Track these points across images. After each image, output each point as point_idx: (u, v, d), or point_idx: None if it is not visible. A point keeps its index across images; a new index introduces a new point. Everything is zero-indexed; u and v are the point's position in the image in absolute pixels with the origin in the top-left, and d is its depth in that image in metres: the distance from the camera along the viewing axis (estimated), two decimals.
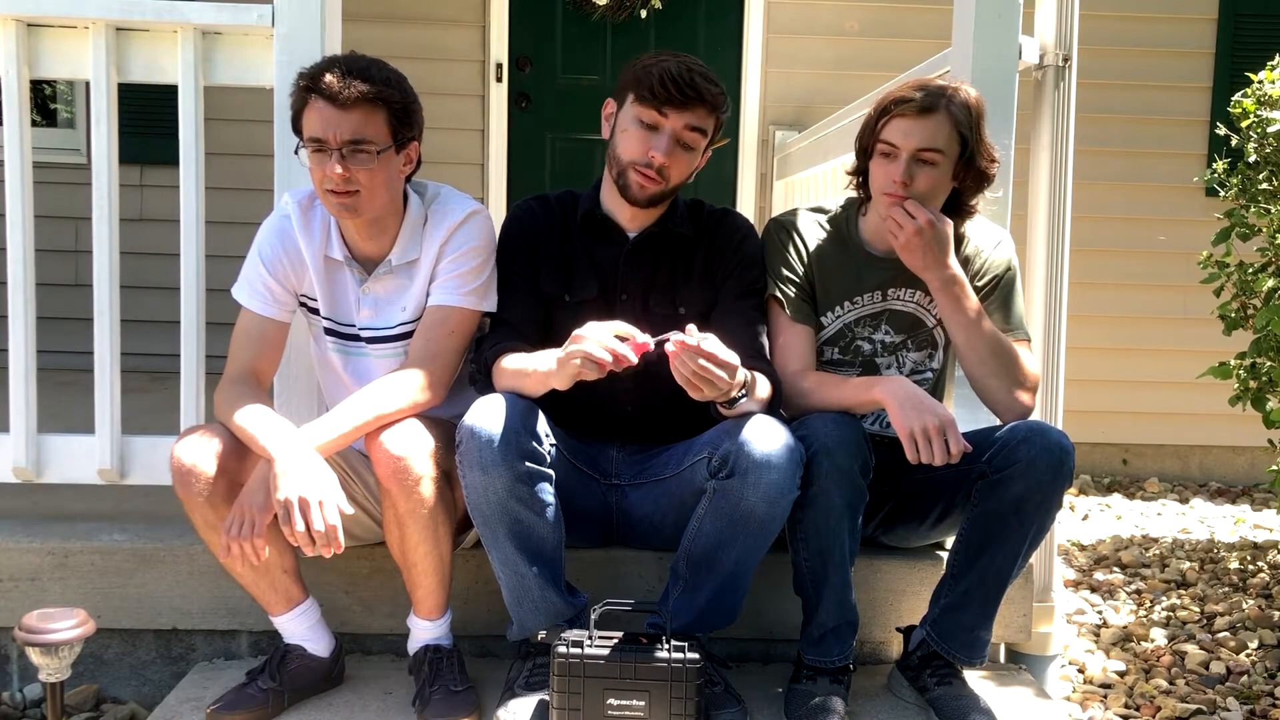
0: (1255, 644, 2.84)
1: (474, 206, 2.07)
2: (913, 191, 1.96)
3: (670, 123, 1.97)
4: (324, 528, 1.77)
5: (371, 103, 1.89)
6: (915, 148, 1.95)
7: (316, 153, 1.90)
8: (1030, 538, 1.97)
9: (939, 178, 1.99)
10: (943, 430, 1.82)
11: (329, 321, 2.09)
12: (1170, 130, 4.98)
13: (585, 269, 2.10)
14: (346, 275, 2.07)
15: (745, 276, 2.10)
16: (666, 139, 1.97)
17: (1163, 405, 4.96)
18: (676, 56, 1.98)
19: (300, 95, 1.91)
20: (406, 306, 2.06)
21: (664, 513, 2.07)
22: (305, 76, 1.91)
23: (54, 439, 2.33)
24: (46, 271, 2.58)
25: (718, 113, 2.01)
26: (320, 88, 1.87)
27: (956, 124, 1.96)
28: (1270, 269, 3.02)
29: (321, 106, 1.88)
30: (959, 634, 2.03)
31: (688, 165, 2.03)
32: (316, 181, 1.93)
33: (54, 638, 1.85)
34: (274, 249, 2.04)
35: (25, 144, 2.27)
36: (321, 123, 1.88)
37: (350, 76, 1.88)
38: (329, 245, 2.05)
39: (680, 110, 1.96)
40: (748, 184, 5.07)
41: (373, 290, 2.05)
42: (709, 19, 5.09)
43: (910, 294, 2.13)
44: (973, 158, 2.00)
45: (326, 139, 1.88)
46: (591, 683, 1.80)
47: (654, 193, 2.02)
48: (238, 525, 1.82)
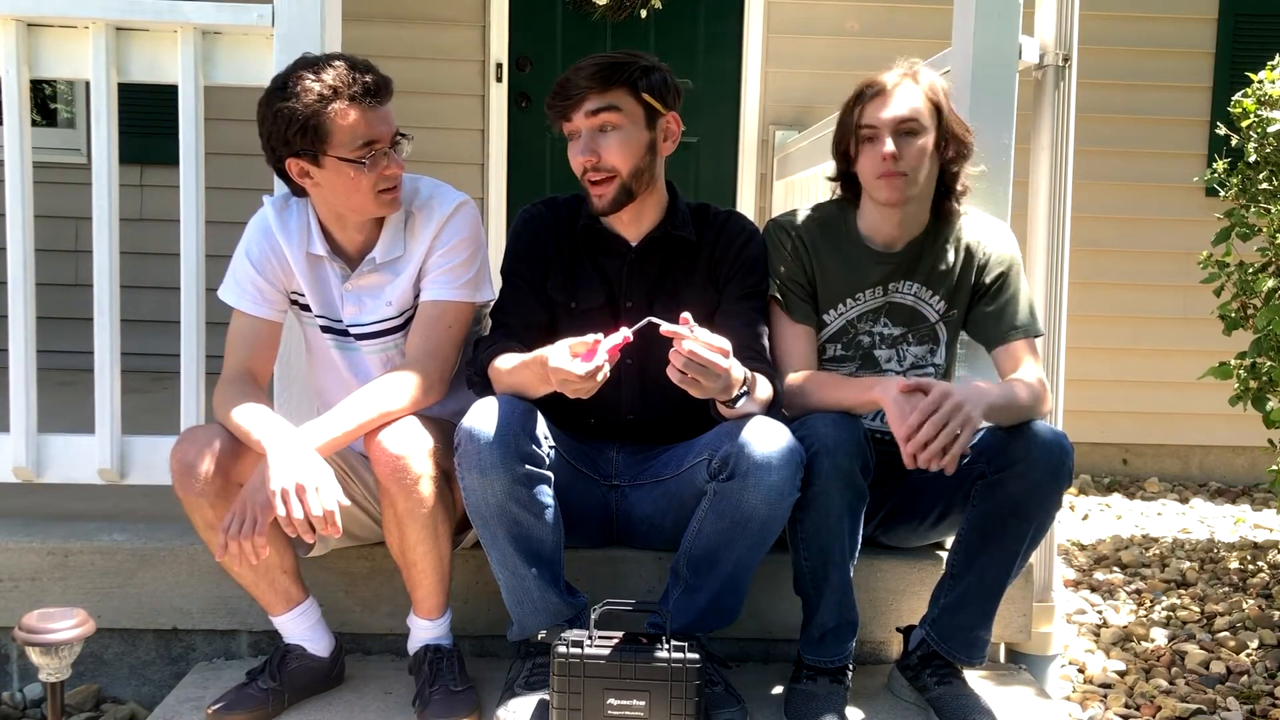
0: (1255, 644, 2.84)
1: (460, 198, 2.07)
2: (903, 165, 1.99)
3: (575, 124, 1.99)
4: (321, 512, 1.77)
5: (391, 94, 1.94)
6: (895, 119, 1.99)
7: (368, 157, 1.89)
8: (1029, 538, 1.97)
9: (924, 148, 2.01)
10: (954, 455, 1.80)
11: (323, 319, 2.09)
12: (1170, 130, 4.97)
13: (591, 277, 2.10)
14: (329, 271, 2.06)
15: (747, 279, 2.10)
16: (583, 139, 1.98)
17: (1163, 405, 4.96)
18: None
19: (314, 108, 1.86)
20: (391, 301, 2.05)
21: (664, 514, 2.07)
22: (325, 88, 1.86)
23: (54, 439, 2.33)
24: (46, 271, 2.58)
25: (613, 84, 1.96)
26: (355, 92, 1.87)
27: (925, 93, 2.02)
28: (1270, 269, 3.02)
29: (366, 108, 1.89)
30: (959, 634, 2.03)
31: (622, 147, 1.98)
32: (367, 186, 1.92)
33: (54, 638, 1.85)
34: (261, 249, 2.04)
35: (25, 144, 2.27)
36: (368, 123, 1.89)
37: (361, 72, 1.90)
38: (310, 241, 2.04)
39: (575, 108, 1.97)
40: (748, 184, 5.06)
41: (355, 286, 2.05)
42: (709, 19, 5.09)
43: (910, 286, 2.13)
44: (949, 126, 2.04)
45: (379, 138, 1.91)
46: (591, 683, 1.80)
47: (611, 195, 2.01)
48: (238, 524, 1.80)
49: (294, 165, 1.92)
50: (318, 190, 1.96)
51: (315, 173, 1.92)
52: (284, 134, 1.88)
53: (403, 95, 5.48)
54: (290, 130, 1.87)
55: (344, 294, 2.06)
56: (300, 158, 1.90)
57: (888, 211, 2.06)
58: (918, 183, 2.02)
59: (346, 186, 1.92)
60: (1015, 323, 2.10)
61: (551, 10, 5.05)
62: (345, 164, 1.90)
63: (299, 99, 1.86)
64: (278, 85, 1.90)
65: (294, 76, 1.88)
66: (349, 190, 1.93)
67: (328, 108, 1.86)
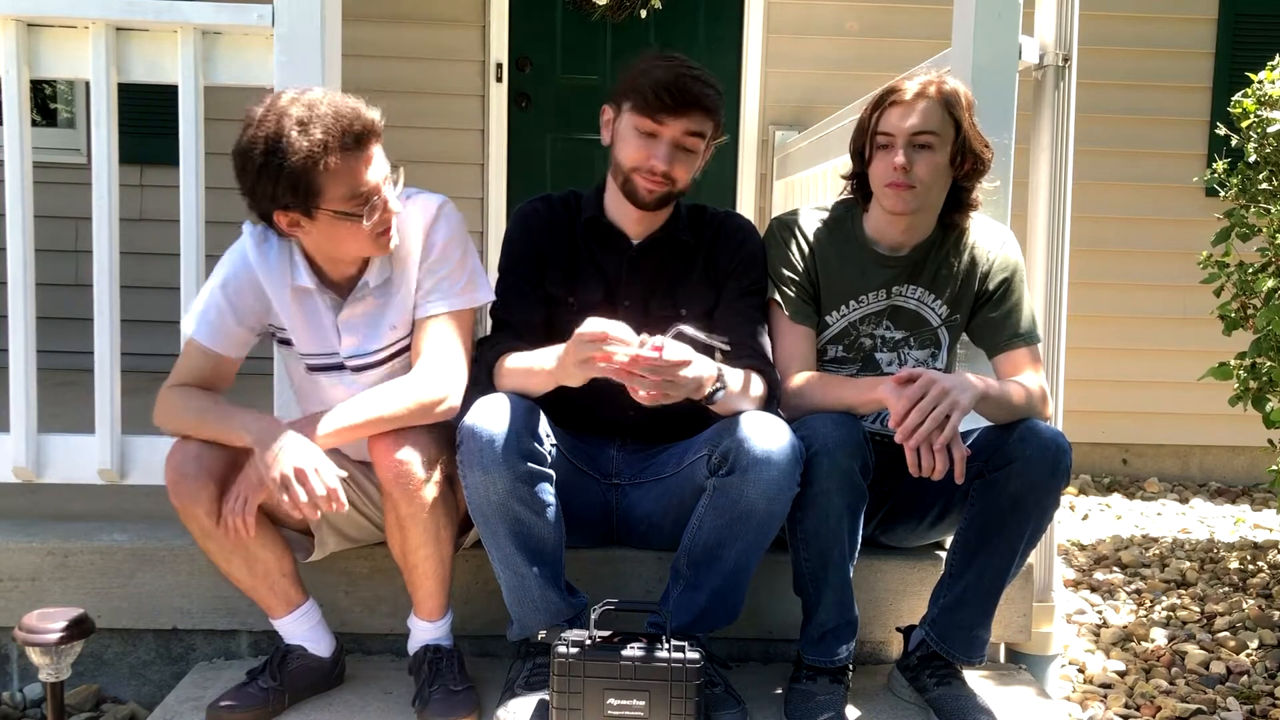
0: (1255, 644, 2.84)
1: (438, 200, 2.01)
2: (913, 177, 1.98)
3: (668, 131, 1.97)
4: (325, 491, 1.79)
5: (380, 134, 1.85)
6: (911, 131, 1.98)
7: (364, 207, 1.81)
8: (1028, 536, 1.97)
9: (937, 163, 2.00)
10: (946, 443, 1.80)
11: (311, 358, 2.02)
12: (1170, 130, 4.98)
13: (590, 273, 2.10)
14: (319, 303, 1.97)
15: (746, 277, 2.11)
16: (666, 146, 1.98)
17: (1163, 405, 4.97)
18: (669, 61, 1.98)
19: (303, 165, 1.75)
20: (395, 324, 1.98)
21: (664, 511, 2.07)
22: (314, 144, 1.74)
23: (54, 439, 2.32)
24: (46, 271, 2.58)
25: (715, 115, 2.01)
26: (347, 143, 1.78)
27: (948, 107, 1.99)
28: (1270, 269, 3.02)
29: (358, 159, 1.80)
30: (958, 633, 2.03)
31: (690, 167, 2.03)
32: (364, 234, 1.84)
33: (54, 638, 1.85)
34: (238, 282, 1.96)
35: (25, 144, 2.27)
36: (361, 175, 1.81)
37: (348, 119, 1.79)
38: (295, 274, 1.95)
39: (677, 118, 1.96)
40: (748, 184, 5.07)
41: (351, 316, 1.97)
42: (709, 19, 5.09)
43: (914, 290, 2.13)
44: (967, 142, 2.01)
45: (373, 186, 1.82)
46: (591, 683, 1.80)
47: (661, 194, 2.02)
48: (232, 502, 1.85)
49: (283, 218, 1.84)
50: (309, 237, 1.89)
51: (306, 224, 1.84)
52: (271, 192, 1.78)
53: (403, 95, 5.50)
54: (278, 189, 1.78)
55: (340, 325, 1.98)
56: (290, 211, 1.82)
57: (894, 218, 2.06)
58: (926, 196, 2.02)
59: (341, 235, 1.86)
60: (1018, 330, 2.10)
61: (551, 10, 5.05)
62: (340, 217, 1.82)
63: (286, 157, 1.74)
64: (260, 139, 1.76)
65: (277, 131, 1.75)
66: (344, 238, 1.87)
67: (318, 165, 1.76)
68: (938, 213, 2.10)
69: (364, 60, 4.43)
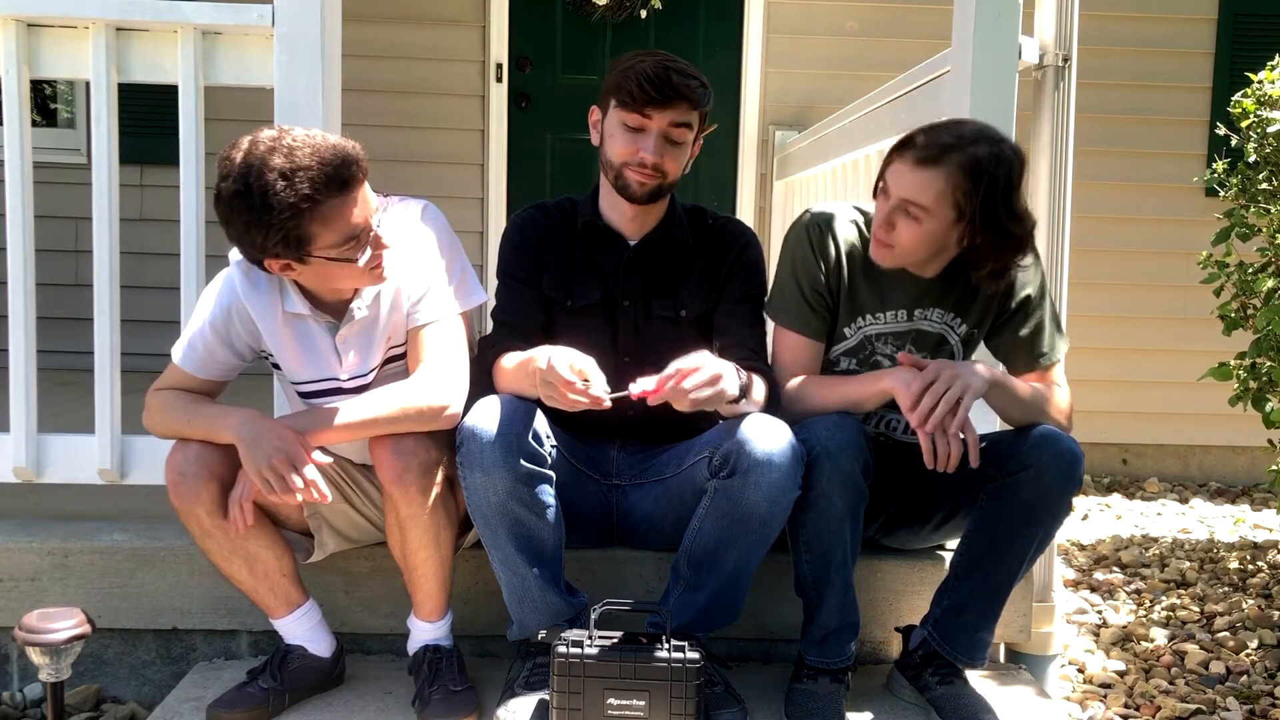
0: (1255, 644, 2.84)
1: (419, 205, 2.00)
2: (893, 238, 1.89)
3: (654, 123, 1.98)
4: (304, 482, 1.78)
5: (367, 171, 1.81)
6: (900, 197, 1.86)
7: (356, 250, 1.79)
8: (1037, 542, 1.97)
9: (922, 235, 1.87)
10: (960, 426, 1.79)
11: (303, 385, 1.99)
12: (1170, 130, 4.98)
13: (587, 275, 2.10)
14: (313, 328, 1.95)
15: (746, 283, 2.11)
16: (654, 139, 1.98)
17: (1163, 405, 4.96)
18: (653, 55, 1.99)
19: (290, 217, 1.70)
20: (389, 334, 1.96)
21: (664, 512, 2.07)
22: (299, 197, 1.69)
23: (54, 439, 2.33)
24: (46, 271, 2.58)
25: (700, 106, 2.01)
26: (334, 189, 1.73)
27: (954, 185, 1.81)
28: (1270, 269, 3.02)
29: (347, 203, 1.75)
30: (962, 635, 2.03)
31: (680, 159, 2.03)
32: (357, 272, 1.82)
33: (54, 638, 1.85)
34: (225, 314, 1.94)
35: (25, 144, 2.27)
36: (351, 219, 1.76)
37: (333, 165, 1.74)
38: (285, 300, 1.92)
39: (662, 109, 1.97)
40: (747, 184, 5.06)
41: (348, 335, 1.95)
42: (709, 19, 5.09)
43: (939, 314, 2.05)
44: (982, 219, 1.83)
45: (364, 226, 1.79)
46: (591, 683, 1.80)
47: (653, 187, 2.03)
48: (237, 489, 1.86)
49: (274, 264, 1.81)
50: (302, 277, 1.87)
51: (299, 267, 1.81)
52: (260, 243, 1.75)
53: (403, 95, 5.50)
54: (268, 241, 1.74)
55: (339, 346, 1.95)
56: (281, 259, 1.79)
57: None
58: (909, 259, 1.94)
59: (335, 274, 1.84)
60: (1041, 349, 2.06)
61: (551, 10, 5.05)
62: (332, 261, 1.80)
63: (272, 211, 1.70)
64: (243, 192, 1.71)
65: (261, 184, 1.70)
66: (338, 277, 1.85)
67: (306, 216, 1.72)
68: (951, 255, 1.96)
69: (364, 60, 4.43)
